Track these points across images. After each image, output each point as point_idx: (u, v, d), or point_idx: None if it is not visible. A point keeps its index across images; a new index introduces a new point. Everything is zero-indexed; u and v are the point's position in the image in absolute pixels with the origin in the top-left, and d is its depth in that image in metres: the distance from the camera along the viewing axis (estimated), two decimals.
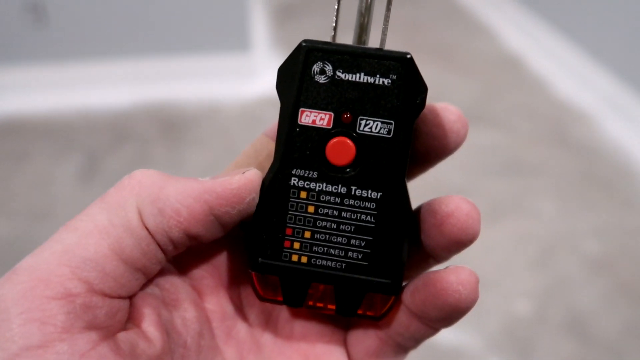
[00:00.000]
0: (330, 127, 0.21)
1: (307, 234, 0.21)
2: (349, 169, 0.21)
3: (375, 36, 0.22)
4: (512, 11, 1.95)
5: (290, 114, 0.21)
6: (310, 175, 0.21)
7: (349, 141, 0.21)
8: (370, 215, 0.21)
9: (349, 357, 0.24)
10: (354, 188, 0.21)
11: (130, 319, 0.20)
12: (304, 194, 0.21)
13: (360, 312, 0.22)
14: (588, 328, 0.92)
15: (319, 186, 0.21)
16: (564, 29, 1.68)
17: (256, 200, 0.21)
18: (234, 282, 0.23)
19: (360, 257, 0.21)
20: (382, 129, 0.20)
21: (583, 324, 0.93)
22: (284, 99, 0.21)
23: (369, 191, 0.21)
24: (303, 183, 0.21)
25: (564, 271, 1.02)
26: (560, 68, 1.65)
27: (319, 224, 0.21)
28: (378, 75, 0.20)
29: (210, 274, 0.23)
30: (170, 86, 1.52)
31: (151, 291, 0.21)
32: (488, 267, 1.02)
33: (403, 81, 0.20)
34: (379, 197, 0.21)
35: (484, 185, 1.22)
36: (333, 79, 0.20)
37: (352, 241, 0.21)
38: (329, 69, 0.20)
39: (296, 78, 0.20)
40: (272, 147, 0.23)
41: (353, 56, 0.20)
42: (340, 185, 0.21)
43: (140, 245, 0.19)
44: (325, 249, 0.21)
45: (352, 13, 0.22)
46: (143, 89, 1.51)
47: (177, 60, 1.54)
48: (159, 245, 0.20)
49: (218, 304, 0.23)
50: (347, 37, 0.23)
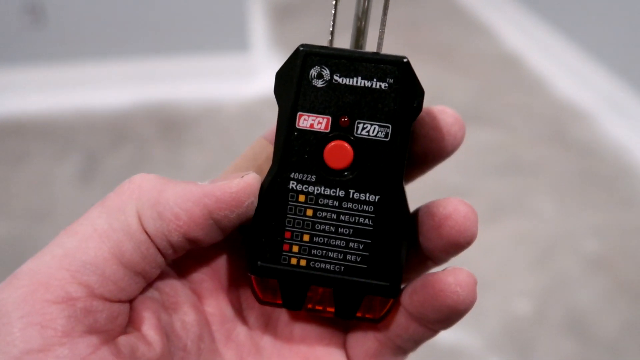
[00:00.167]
0: (328, 131, 0.21)
1: (306, 237, 0.21)
2: (346, 173, 0.21)
3: (373, 39, 0.22)
4: (512, 11, 1.95)
5: (288, 118, 0.21)
6: (308, 179, 0.21)
7: (346, 145, 0.21)
8: (369, 218, 0.21)
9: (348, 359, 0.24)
10: (352, 191, 0.21)
11: (131, 323, 0.20)
12: (302, 198, 0.21)
13: (359, 315, 0.22)
14: (588, 327, 0.92)
15: (317, 190, 0.21)
16: (563, 29, 1.68)
17: (255, 204, 0.21)
18: (234, 285, 0.23)
19: (358, 260, 0.21)
20: (380, 133, 0.21)
21: (583, 323, 0.93)
22: (282, 103, 0.21)
23: (367, 194, 0.21)
24: (301, 186, 0.21)
25: (564, 270, 1.02)
26: (560, 67, 1.65)
27: (318, 227, 0.21)
28: (375, 79, 0.20)
29: (210, 277, 0.23)
30: (169, 86, 1.52)
31: (151, 295, 0.21)
32: (487, 267, 1.02)
33: (400, 85, 0.20)
34: (376, 200, 0.21)
35: (484, 185, 1.22)
36: (330, 83, 0.20)
37: (351, 244, 0.21)
38: (326, 73, 0.20)
39: (294, 82, 0.21)
40: (271, 150, 0.23)
41: (350, 60, 0.20)
42: (338, 189, 0.21)
43: (140, 249, 0.19)
44: (324, 252, 0.21)
45: (350, 16, 0.22)
46: (142, 89, 1.51)
47: (176, 60, 1.53)
48: (158, 249, 0.20)
49: (218, 307, 0.23)
50: (345, 39, 0.23)
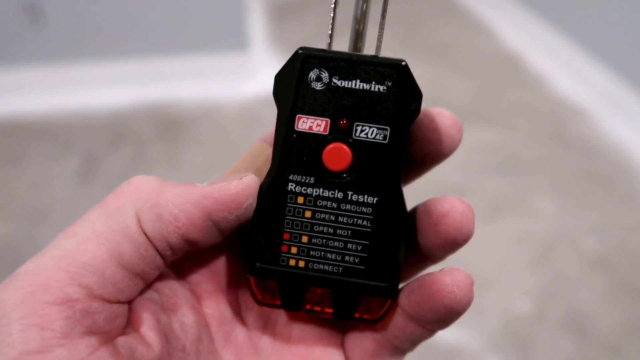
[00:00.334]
0: (326, 134, 0.21)
1: (305, 239, 0.21)
2: (345, 175, 0.21)
3: (371, 41, 0.22)
4: (511, 9, 1.95)
5: (287, 120, 0.21)
6: (307, 181, 0.21)
7: (345, 147, 0.21)
8: (367, 219, 0.21)
9: None
10: (350, 193, 0.21)
11: (129, 324, 0.20)
12: (301, 199, 0.21)
13: (357, 316, 0.22)
14: (587, 326, 0.92)
15: (316, 191, 0.21)
16: (562, 27, 1.68)
17: (253, 205, 0.21)
18: (232, 287, 0.23)
19: (357, 261, 0.21)
20: (378, 135, 0.21)
21: (582, 321, 0.93)
22: (281, 105, 0.21)
23: (365, 196, 0.21)
24: (300, 188, 0.21)
25: (563, 269, 1.02)
26: (559, 66, 1.65)
27: (316, 228, 0.21)
28: (374, 82, 0.20)
29: (209, 279, 0.23)
30: (168, 86, 1.52)
31: (150, 296, 0.21)
32: (487, 266, 1.02)
33: (398, 88, 0.20)
34: (375, 202, 0.21)
35: (483, 184, 1.22)
36: (329, 86, 0.21)
37: (349, 245, 0.21)
38: (325, 75, 0.21)
39: (293, 85, 0.21)
40: (270, 152, 0.23)
41: (349, 63, 0.21)
42: (336, 191, 0.21)
43: (139, 250, 0.19)
44: (323, 253, 0.21)
45: (348, 17, 0.22)
46: (141, 89, 1.51)
47: (175, 60, 1.53)
48: (157, 251, 0.20)
49: (216, 308, 0.23)
50: (343, 41, 0.23)
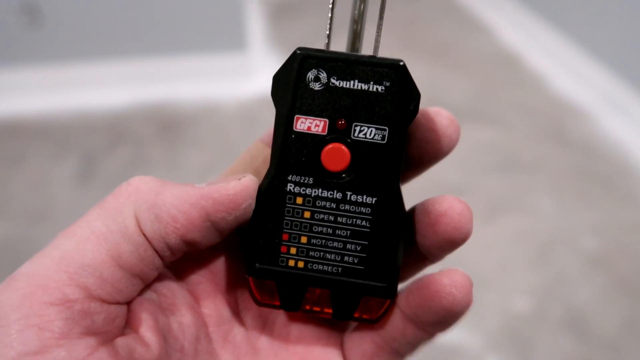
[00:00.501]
0: (325, 134, 0.21)
1: (304, 239, 0.21)
2: (344, 175, 0.21)
3: (369, 41, 0.22)
4: (509, 8, 1.95)
5: (286, 120, 0.21)
6: (306, 181, 0.21)
7: (343, 147, 0.21)
8: (366, 220, 0.21)
9: None
10: (349, 193, 0.21)
11: (128, 324, 0.20)
12: (300, 200, 0.21)
13: (356, 316, 0.22)
14: (587, 325, 0.93)
15: (315, 192, 0.21)
16: (561, 26, 1.68)
17: (252, 206, 0.21)
18: (230, 287, 0.23)
19: (356, 262, 0.21)
20: (377, 135, 0.21)
21: (582, 320, 0.93)
22: (279, 105, 0.21)
23: (364, 196, 0.21)
24: (299, 189, 0.21)
25: (563, 268, 1.03)
26: (558, 65, 1.65)
27: (315, 229, 0.21)
28: (372, 82, 0.20)
29: (207, 279, 0.23)
30: (167, 86, 1.52)
31: (148, 296, 0.21)
32: (486, 265, 1.02)
33: (396, 88, 0.20)
34: (374, 202, 0.21)
35: (482, 183, 1.22)
36: (327, 86, 0.21)
37: (348, 246, 0.21)
38: (323, 76, 0.21)
39: (291, 85, 0.21)
40: (268, 153, 0.23)
41: (347, 63, 0.20)
42: (335, 191, 0.21)
43: (137, 251, 0.19)
44: (322, 253, 0.21)
45: (346, 17, 0.22)
46: (140, 89, 1.50)
47: (174, 60, 1.53)
48: (156, 252, 0.20)
49: (215, 308, 0.23)
50: (341, 40, 0.23)
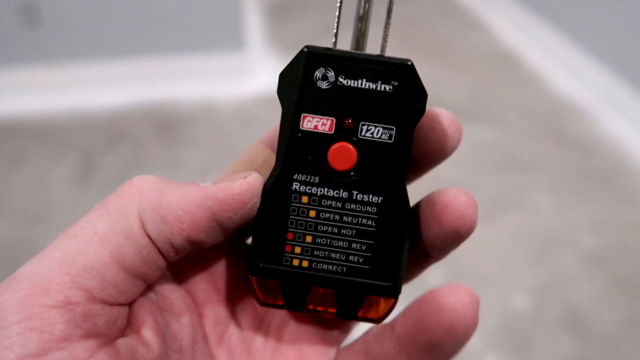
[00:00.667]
0: (332, 133, 0.21)
1: (309, 239, 0.21)
2: (350, 174, 0.21)
3: (372, 39, 0.22)
4: (508, 7, 1.95)
5: (292, 119, 0.21)
6: (311, 180, 0.21)
7: (350, 146, 0.21)
8: (371, 219, 0.21)
9: None
10: (355, 193, 0.21)
11: (129, 325, 0.20)
12: (305, 199, 0.21)
13: (360, 315, 0.22)
14: (586, 323, 0.93)
15: (321, 191, 0.21)
16: (560, 25, 1.68)
17: (257, 205, 0.20)
18: (228, 287, 0.23)
19: (361, 261, 0.21)
20: (384, 135, 0.21)
21: (581, 319, 0.93)
22: (285, 104, 0.21)
23: (370, 196, 0.21)
24: (305, 188, 0.21)
25: (562, 266, 1.03)
26: (557, 64, 1.65)
27: (320, 228, 0.21)
28: (380, 82, 0.20)
29: (204, 279, 0.23)
30: (165, 86, 1.52)
31: (147, 296, 0.21)
32: (486, 263, 1.02)
33: (404, 87, 0.20)
34: (380, 202, 0.21)
35: (481, 182, 1.22)
36: (335, 85, 0.20)
37: (353, 245, 0.21)
38: (331, 75, 0.20)
39: (298, 83, 0.20)
40: (268, 154, 0.23)
41: (355, 62, 0.20)
42: (341, 190, 0.21)
43: (141, 252, 0.19)
44: (327, 253, 0.21)
45: (350, 15, 0.22)
46: (138, 89, 1.50)
47: (172, 60, 1.53)
48: (160, 252, 0.20)
49: (212, 309, 0.23)
50: (345, 38, 0.23)
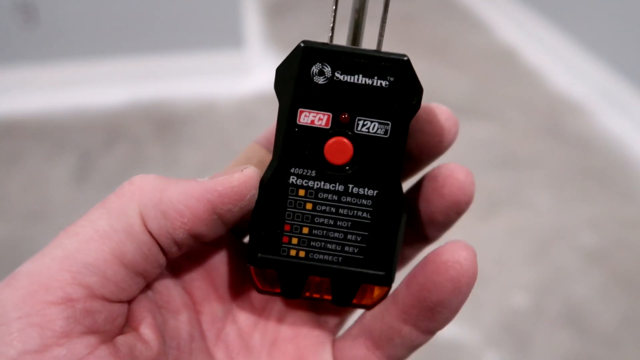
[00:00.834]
0: (328, 128, 0.21)
1: (305, 230, 0.22)
2: (346, 168, 0.21)
3: (369, 33, 0.22)
4: (507, 4, 1.95)
5: (289, 114, 0.21)
6: (308, 174, 0.21)
7: (346, 141, 0.21)
8: (367, 211, 0.21)
9: None
10: (351, 186, 0.21)
11: (127, 322, 0.20)
12: (302, 192, 0.21)
13: (355, 302, 0.23)
14: (585, 320, 0.93)
15: (317, 184, 0.21)
16: (558, 22, 1.69)
17: (256, 196, 0.21)
18: (225, 285, 0.24)
19: (356, 251, 0.22)
20: (379, 129, 0.21)
21: (580, 316, 0.93)
22: (282, 98, 0.21)
23: (366, 189, 0.21)
24: (301, 181, 0.21)
25: (561, 264, 1.03)
26: (555, 60, 1.65)
27: (317, 220, 0.22)
28: (376, 77, 0.21)
29: (202, 277, 0.23)
30: (163, 84, 1.52)
31: (146, 294, 0.21)
32: (485, 261, 1.03)
33: (400, 83, 0.21)
34: (375, 195, 0.21)
35: (480, 179, 1.22)
36: (332, 80, 0.21)
37: (349, 236, 0.22)
38: (327, 70, 0.21)
39: (295, 78, 0.21)
40: (263, 154, 0.24)
41: (351, 58, 0.21)
42: (338, 183, 0.21)
43: (141, 249, 0.19)
44: (323, 243, 0.22)
45: (347, 10, 0.22)
46: (136, 87, 1.50)
47: (170, 58, 1.53)
48: (161, 249, 0.20)
49: (209, 306, 0.23)
50: (341, 32, 0.23)
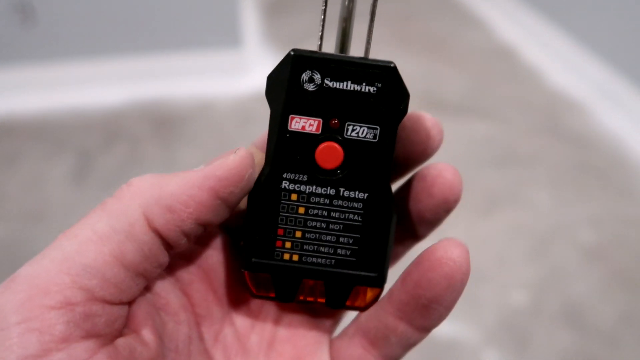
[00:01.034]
0: (319, 133, 0.22)
1: (298, 234, 0.22)
2: (337, 172, 0.22)
3: (357, 39, 0.22)
4: (505, 2, 1.95)
5: (281, 120, 0.22)
6: (300, 179, 0.22)
7: (337, 146, 0.22)
8: (358, 214, 0.22)
9: None
10: (342, 190, 0.22)
11: (127, 324, 0.20)
12: (294, 196, 0.22)
13: (348, 304, 0.23)
14: (584, 318, 0.93)
15: (309, 188, 0.22)
16: (557, 20, 1.68)
17: (254, 175, 0.21)
18: (222, 286, 0.24)
19: (348, 254, 0.22)
20: (368, 134, 0.22)
21: (579, 313, 0.93)
22: (274, 105, 0.22)
23: (357, 192, 0.22)
24: (294, 186, 0.22)
25: (560, 261, 1.03)
26: (554, 59, 1.65)
27: (309, 224, 0.22)
28: (364, 83, 0.21)
29: (199, 278, 0.23)
30: (161, 84, 1.52)
31: (144, 296, 0.21)
32: (484, 259, 1.03)
33: (388, 89, 0.21)
34: (365, 198, 0.22)
35: (478, 177, 1.22)
36: (321, 87, 0.21)
37: (341, 239, 0.22)
38: (317, 77, 0.21)
39: (285, 86, 0.21)
40: (261, 157, 0.24)
41: (340, 65, 0.21)
42: (329, 188, 0.22)
43: (142, 249, 0.19)
44: (316, 247, 0.22)
45: (336, 15, 0.22)
46: (134, 87, 1.50)
47: (168, 57, 1.53)
48: (170, 243, 0.20)
49: (207, 308, 0.23)
50: (331, 39, 0.23)
